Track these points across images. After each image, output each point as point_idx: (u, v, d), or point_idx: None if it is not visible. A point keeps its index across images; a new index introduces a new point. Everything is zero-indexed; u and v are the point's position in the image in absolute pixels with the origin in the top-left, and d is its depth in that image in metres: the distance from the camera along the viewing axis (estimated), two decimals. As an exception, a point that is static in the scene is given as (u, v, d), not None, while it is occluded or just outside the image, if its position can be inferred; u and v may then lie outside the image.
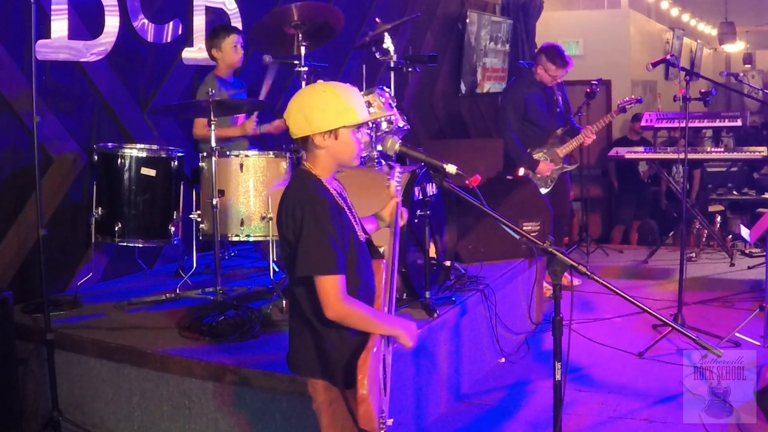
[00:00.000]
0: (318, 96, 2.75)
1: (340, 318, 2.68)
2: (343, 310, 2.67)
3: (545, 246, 2.77)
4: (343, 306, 2.66)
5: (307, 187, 2.74)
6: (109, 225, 4.73)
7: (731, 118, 8.86)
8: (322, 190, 2.75)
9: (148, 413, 4.10)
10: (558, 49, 6.84)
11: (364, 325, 2.74)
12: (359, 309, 2.72)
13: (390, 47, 5.16)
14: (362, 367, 2.62)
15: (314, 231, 2.65)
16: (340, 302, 2.66)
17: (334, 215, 2.69)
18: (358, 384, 2.60)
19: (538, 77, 6.89)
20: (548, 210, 6.25)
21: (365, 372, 2.61)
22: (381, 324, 2.77)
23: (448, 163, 3.04)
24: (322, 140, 2.75)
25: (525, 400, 4.78)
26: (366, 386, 2.59)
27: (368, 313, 2.76)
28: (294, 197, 2.73)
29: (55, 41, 4.97)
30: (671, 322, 2.88)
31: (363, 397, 2.58)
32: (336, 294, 2.65)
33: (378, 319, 2.78)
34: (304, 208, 2.68)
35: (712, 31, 17.47)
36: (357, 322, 2.72)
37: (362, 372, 2.61)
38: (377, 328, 2.75)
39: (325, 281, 2.65)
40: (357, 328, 2.73)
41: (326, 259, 2.64)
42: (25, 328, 4.39)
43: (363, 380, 2.60)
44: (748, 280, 7.05)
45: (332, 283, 2.65)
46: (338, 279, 2.66)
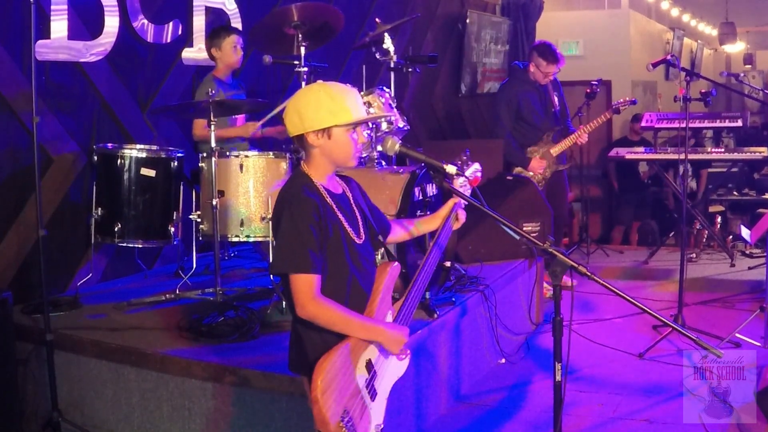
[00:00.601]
0: (312, 95, 2.77)
1: (310, 317, 2.68)
2: (313, 310, 2.67)
3: (545, 247, 2.77)
4: (313, 305, 2.66)
5: (293, 188, 2.76)
6: (109, 225, 4.72)
7: (732, 118, 8.87)
8: (307, 191, 2.75)
9: (147, 414, 4.09)
10: (549, 47, 6.94)
11: (336, 326, 2.71)
12: (332, 310, 2.69)
13: (390, 47, 5.16)
14: (318, 368, 2.61)
15: (288, 230, 2.68)
16: (310, 301, 2.66)
17: (312, 217, 2.69)
18: (312, 384, 2.59)
19: (531, 76, 6.98)
20: (548, 211, 6.25)
21: (321, 373, 2.59)
22: (357, 327, 2.75)
23: (448, 163, 3.04)
24: (316, 139, 2.76)
25: (525, 400, 4.78)
26: (320, 388, 2.56)
27: (343, 314, 2.72)
28: (281, 197, 2.78)
29: (54, 41, 4.97)
30: (671, 322, 2.87)
31: (314, 399, 2.56)
32: (306, 293, 2.65)
33: (354, 321, 2.75)
34: (284, 208, 2.72)
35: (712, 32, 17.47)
36: (329, 323, 2.70)
37: (317, 373, 2.59)
38: (353, 331, 2.73)
39: (296, 280, 2.66)
40: (330, 329, 2.71)
41: (298, 257, 2.65)
42: (25, 328, 4.38)
43: (317, 381, 2.57)
44: (748, 280, 7.05)
45: (303, 281, 2.65)
46: (310, 278, 2.66)
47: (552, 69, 6.91)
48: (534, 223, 6.10)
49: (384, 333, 2.81)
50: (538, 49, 6.98)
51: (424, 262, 3.01)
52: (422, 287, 3.01)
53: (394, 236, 3.19)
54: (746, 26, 16.64)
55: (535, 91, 7.04)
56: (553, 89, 7.14)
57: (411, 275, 4.43)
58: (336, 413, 2.60)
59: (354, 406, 2.69)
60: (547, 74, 6.93)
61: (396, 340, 2.83)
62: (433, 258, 3.06)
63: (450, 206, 3.20)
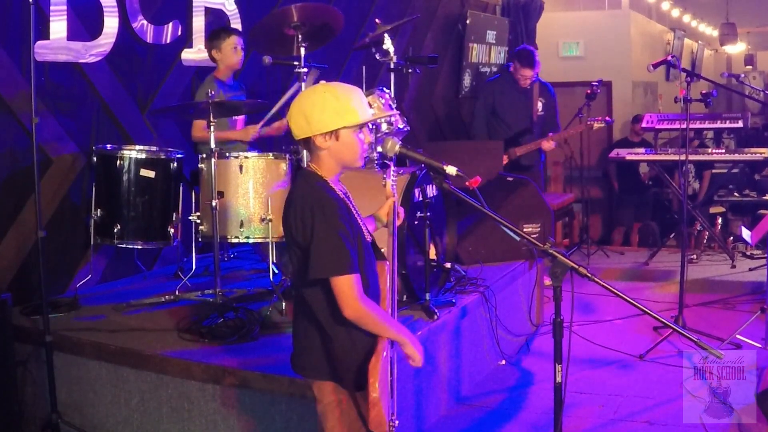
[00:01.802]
0: (318, 97, 2.74)
1: (358, 318, 2.67)
2: (362, 310, 2.66)
3: (545, 248, 2.77)
4: (362, 305, 2.65)
5: (315, 189, 2.72)
6: (109, 227, 4.72)
7: (732, 119, 8.85)
8: (329, 190, 2.73)
9: (147, 415, 4.08)
10: (529, 51, 7.26)
11: (376, 327, 2.72)
12: (375, 311, 2.72)
13: (390, 48, 5.14)
14: (373, 370, 2.63)
15: (327, 232, 2.64)
16: (358, 301, 2.64)
17: (344, 215, 2.68)
18: (370, 387, 2.60)
19: (514, 78, 7.31)
20: (549, 212, 6.24)
21: (376, 376, 2.62)
22: (391, 328, 2.77)
23: (448, 164, 3.03)
24: (323, 141, 2.73)
25: (525, 402, 4.77)
26: (378, 390, 2.60)
27: (382, 315, 2.76)
28: (302, 199, 2.71)
29: (54, 42, 4.96)
30: (672, 324, 2.87)
31: (375, 401, 2.59)
32: (354, 293, 2.64)
33: (389, 322, 2.78)
34: (314, 210, 2.66)
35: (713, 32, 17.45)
36: (371, 324, 2.71)
37: (374, 376, 2.62)
38: (387, 331, 2.75)
39: (342, 281, 2.63)
40: (369, 329, 2.72)
41: (342, 259, 2.62)
42: (24, 330, 4.38)
43: (374, 384, 2.60)
44: (749, 282, 7.04)
45: (349, 282, 2.63)
46: (354, 278, 2.64)
47: (526, 73, 7.17)
48: (534, 224, 6.09)
49: (409, 336, 2.83)
50: (518, 53, 7.34)
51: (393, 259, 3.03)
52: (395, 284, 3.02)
53: None
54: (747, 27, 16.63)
55: (516, 92, 7.31)
56: (540, 95, 7.38)
57: (411, 276, 4.46)
58: (388, 413, 2.65)
59: (392, 405, 2.76)
60: (523, 77, 7.20)
61: (418, 347, 2.85)
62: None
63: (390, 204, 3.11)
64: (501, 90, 7.39)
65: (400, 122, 4.97)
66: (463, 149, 7.74)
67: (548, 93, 7.47)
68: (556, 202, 8.25)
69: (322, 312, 2.73)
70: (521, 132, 7.32)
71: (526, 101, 7.31)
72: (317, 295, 2.72)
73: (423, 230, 4.48)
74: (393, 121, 4.90)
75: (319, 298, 2.72)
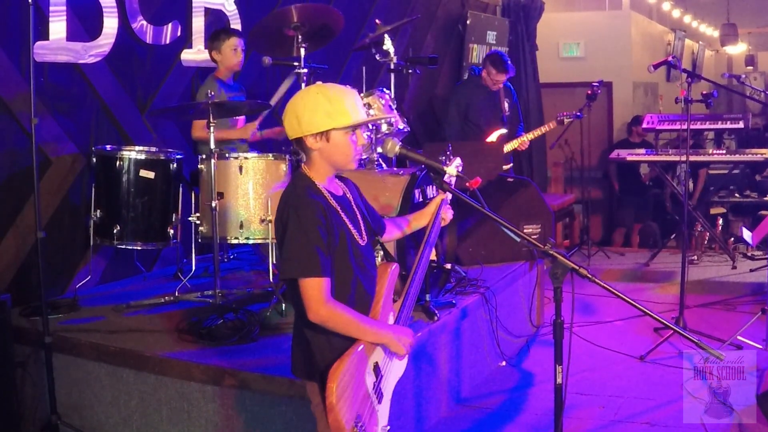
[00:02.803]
0: (310, 97, 2.75)
1: (322, 321, 2.66)
2: (325, 314, 2.65)
3: (546, 249, 2.76)
4: (325, 309, 2.64)
5: (297, 191, 2.74)
6: (108, 227, 4.71)
7: (733, 120, 8.83)
8: (312, 193, 2.73)
9: (146, 417, 4.08)
10: (501, 56, 7.40)
11: (347, 329, 2.70)
12: (343, 313, 2.69)
13: (390, 49, 5.14)
14: (333, 374, 2.59)
15: (297, 234, 2.65)
16: (322, 305, 2.64)
17: (319, 219, 2.67)
18: (327, 391, 2.57)
19: (483, 81, 7.41)
20: (549, 212, 6.23)
21: (335, 379, 2.58)
22: (367, 330, 2.74)
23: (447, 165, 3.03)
24: (314, 142, 2.74)
25: (526, 403, 4.76)
26: (335, 394, 2.55)
27: (353, 318, 2.71)
28: (284, 201, 2.74)
29: (53, 43, 4.95)
30: (673, 325, 2.86)
31: (330, 406, 2.55)
32: (318, 296, 2.63)
33: (364, 325, 2.74)
34: (289, 212, 2.68)
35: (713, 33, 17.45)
36: (340, 327, 2.69)
37: (332, 379, 2.58)
38: (363, 334, 2.73)
39: (306, 284, 2.63)
40: (340, 332, 2.70)
41: (308, 261, 2.63)
42: (24, 331, 4.37)
43: (332, 387, 2.56)
44: (749, 283, 7.03)
45: (314, 285, 2.63)
46: (321, 282, 2.64)
47: (501, 78, 7.29)
48: (534, 225, 6.08)
49: (391, 335, 2.80)
50: (491, 58, 7.40)
51: (417, 261, 3.00)
52: (418, 286, 3.00)
53: (389, 235, 3.19)
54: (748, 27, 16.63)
55: (486, 95, 7.43)
56: (505, 95, 7.51)
57: (411, 277, 4.45)
58: (350, 419, 2.59)
59: (365, 409, 2.68)
60: (496, 82, 7.32)
61: (403, 342, 2.83)
62: (426, 256, 3.04)
63: (437, 202, 3.17)
64: (472, 93, 7.52)
65: (400, 123, 4.97)
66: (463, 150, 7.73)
67: (511, 93, 7.65)
68: (556, 203, 8.26)
69: (300, 313, 2.73)
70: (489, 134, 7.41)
71: (495, 103, 7.46)
72: (295, 296, 2.72)
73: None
74: (393, 122, 4.90)
75: (296, 299, 2.72)
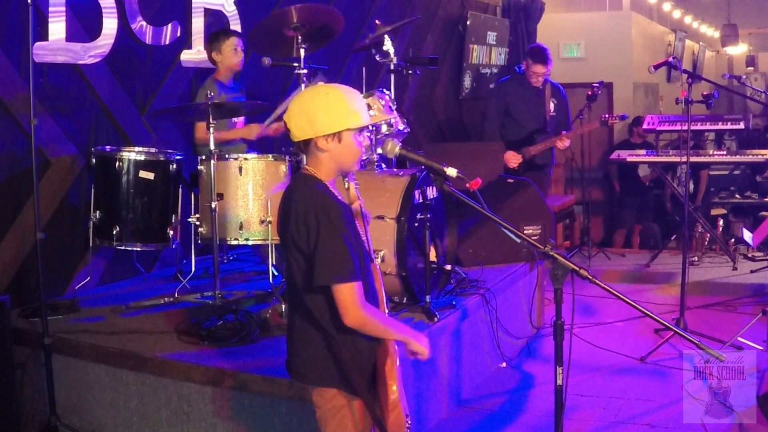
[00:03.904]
0: (322, 98, 2.71)
1: (360, 325, 2.65)
2: (363, 317, 2.64)
3: (546, 250, 2.75)
4: (363, 313, 2.63)
5: (317, 193, 2.69)
6: (107, 229, 4.71)
7: (734, 121, 8.81)
8: (332, 195, 2.71)
9: (146, 418, 4.07)
10: (541, 49, 7.19)
11: (380, 331, 2.72)
12: (377, 316, 2.71)
13: (390, 49, 5.13)
14: (390, 373, 2.64)
15: (333, 238, 2.60)
16: (360, 309, 2.62)
17: (348, 220, 2.66)
18: (388, 390, 2.60)
19: (527, 78, 7.22)
20: (550, 213, 6.22)
21: (394, 378, 2.63)
22: (393, 330, 2.76)
23: (448, 166, 3.02)
24: (325, 143, 2.70)
25: (526, 405, 4.75)
26: (396, 392, 2.61)
27: (383, 319, 2.75)
28: (304, 204, 2.67)
29: (52, 43, 4.95)
30: (673, 326, 2.86)
31: (395, 403, 2.60)
32: (355, 301, 2.62)
33: (391, 325, 2.78)
34: (319, 216, 2.62)
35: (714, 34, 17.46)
36: (374, 329, 2.70)
37: (391, 378, 2.63)
38: (391, 334, 2.75)
39: (344, 289, 2.60)
40: (373, 335, 2.71)
41: (346, 266, 2.60)
42: (23, 332, 4.37)
43: (393, 386, 2.61)
44: (750, 284, 7.02)
45: (352, 290, 2.61)
46: (357, 286, 2.62)
47: (539, 70, 7.08)
48: (535, 226, 6.07)
49: (413, 335, 2.82)
50: (530, 50, 7.25)
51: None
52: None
53: None
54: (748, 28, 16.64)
55: (530, 93, 7.25)
56: (552, 95, 7.32)
57: (411, 278, 4.44)
58: (405, 415, 2.66)
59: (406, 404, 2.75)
60: (535, 74, 7.11)
61: (422, 341, 2.83)
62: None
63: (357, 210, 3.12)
64: (514, 90, 7.35)
65: (400, 124, 4.96)
66: (463, 151, 7.73)
67: (560, 94, 7.46)
68: (556, 204, 8.25)
69: (326, 318, 2.70)
70: (534, 132, 7.30)
71: (538, 101, 7.28)
72: (321, 301, 2.68)
73: (423, 232, 4.46)
74: (393, 123, 4.89)
75: (322, 304, 2.69)
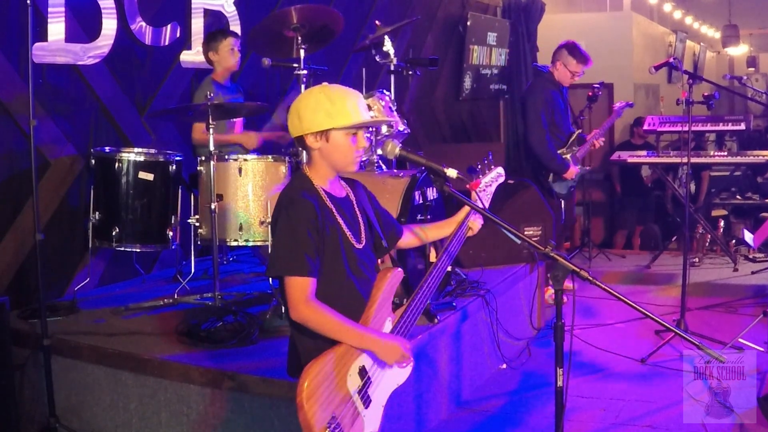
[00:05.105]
0: (312, 97, 2.77)
1: (303, 320, 2.67)
2: (306, 313, 2.65)
3: (547, 251, 2.74)
4: (306, 309, 2.65)
5: (292, 191, 2.76)
6: (107, 230, 4.70)
7: (735, 121, 8.81)
8: (306, 194, 2.73)
9: (145, 420, 4.06)
10: (577, 46, 6.69)
11: (328, 331, 2.69)
12: (324, 315, 2.67)
13: (390, 50, 5.13)
14: (305, 372, 2.58)
15: (285, 233, 2.68)
16: (303, 304, 2.64)
17: (309, 219, 2.67)
18: (297, 389, 2.55)
19: (556, 78, 6.70)
20: (550, 214, 6.21)
21: (307, 378, 2.56)
22: (350, 334, 2.71)
23: (448, 167, 3.01)
24: (314, 141, 2.76)
25: (526, 406, 4.74)
26: (305, 393, 2.54)
27: (336, 320, 2.68)
28: (279, 200, 2.77)
29: (52, 44, 4.94)
30: (674, 327, 2.85)
31: (299, 404, 2.54)
32: (299, 296, 2.64)
33: (348, 328, 2.71)
34: (281, 211, 2.72)
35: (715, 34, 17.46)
36: (321, 327, 2.68)
37: (304, 377, 2.57)
38: (345, 337, 2.70)
39: (290, 282, 2.66)
40: (321, 333, 2.69)
41: (293, 260, 2.65)
42: (22, 333, 4.36)
43: (302, 385, 2.55)
44: (751, 285, 7.02)
45: (297, 284, 2.65)
46: (304, 281, 2.64)
47: (581, 68, 6.64)
48: (535, 227, 6.06)
49: (378, 343, 2.76)
50: (567, 48, 6.65)
51: (431, 270, 2.96)
52: (427, 296, 2.95)
53: (405, 241, 3.17)
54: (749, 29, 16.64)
55: (560, 94, 6.79)
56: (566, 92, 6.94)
57: (411, 280, 4.43)
58: (322, 419, 2.56)
59: (344, 412, 2.64)
60: (575, 74, 6.65)
61: (391, 350, 2.77)
62: (442, 266, 3.01)
63: (465, 213, 3.17)
64: (553, 94, 6.71)
65: (400, 125, 4.95)
66: (463, 152, 7.73)
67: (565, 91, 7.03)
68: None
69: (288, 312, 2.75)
70: (571, 135, 6.82)
71: (565, 102, 6.86)
72: (283, 295, 2.73)
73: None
74: (393, 124, 4.88)
75: (284, 297, 2.73)
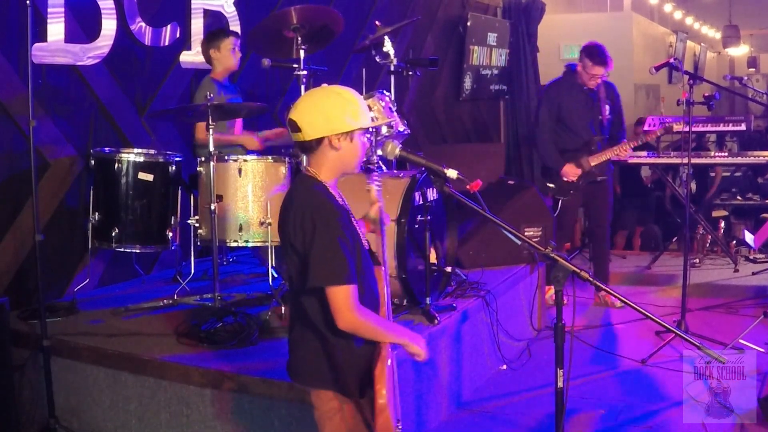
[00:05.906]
0: (336, 97, 2.74)
1: (353, 329, 2.66)
2: (356, 321, 2.64)
3: (547, 252, 2.74)
4: (356, 316, 2.63)
5: (315, 195, 2.70)
6: (106, 230, 4.69)
7: (735, 122, 8.81)
8: (330, 196, 2.72)
9: (145, 421, 4.06)
10: (599, 48, 6.49)
11: (374, 334, 2.72)
12: (371, 319, 2.70)
13: (390, 51, 5.12)
14: (380, 377, 2.64)
15: (328, 240, 2.61)
16: (353, 312, 2.63)
17: (345, 223, 2.66)
18: (377, 394, 2.61)
19: (579, 78, 6.58)
20: (550, 215, 6.20)
21: (383, 382, 2.63)
22: (390, 333, 2.77)
23: (448, 167, 3.01)
24: (338, 142, 2.72)
25: (527, 407, 4.74)
26: (384, 396, 2.61)
27: (379, 322, 2.75)
28: (302, 205, 2.68)
29: (51, 44, 4.94)
30: (675, 328, 2.85)
31: (382, 407, 2.59)
32: (349, 304, 2.62)
33: (387, 328, 2.78)
34: (314, 217, 2.63)
35: (716, 35, 17.47)
36: (368, 333, 2.71)
37: (380, 382, 2.63)
38: (386, 337, 2.75)
39: (338, 291, 2.61)
40: (367, 338, 2.72)
41: (340, 268, 2.61)
42: (22, 334, 4.35)
43: (381, 390, 2.61)
44: (752, 286, 7.03)
45: (345, 293, 2.61)
46: (351, 289, 2.62)
47: (598, 71, 6.44)
48: (535, 228, 6.05)
49: (410, 336, 2.82)
50: (587, 49, 6.52)
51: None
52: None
53: None
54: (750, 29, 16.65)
55: (583, 95, 6.60)
56: (607, 97, 6.67)
57: (411, 280, 4.43)
58: (395, 419, 2.65)
59: (399, 410, 2.76)
60: (593, 76, 6.47)
61: (419, 342, 2.83)
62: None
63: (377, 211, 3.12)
64: (565, 92, 6.61)
65: (400, 125, 4.95)
66: (464, 152, 7.73)
67: (614, 94, 6.78)
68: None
69: (322, 320, 2.71)
70: (590, 139, 6.63)
71: (593, 105, 6.59)
72: (316, 303, 2.69)
73: (423, 234, 4.45)
74: (393, 124, 4.88)
75: (317, 306, 2.70)
